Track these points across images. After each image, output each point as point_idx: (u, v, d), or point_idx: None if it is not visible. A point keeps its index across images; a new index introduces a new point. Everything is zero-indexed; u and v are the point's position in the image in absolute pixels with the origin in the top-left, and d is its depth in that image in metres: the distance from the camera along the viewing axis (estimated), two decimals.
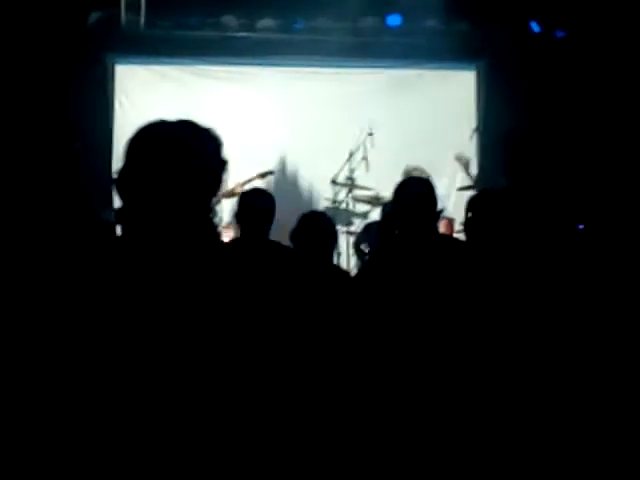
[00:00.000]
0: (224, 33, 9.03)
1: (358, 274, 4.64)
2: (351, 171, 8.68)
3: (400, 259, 3.80)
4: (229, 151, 2.14)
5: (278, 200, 4.70)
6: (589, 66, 8.81)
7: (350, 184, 8.66)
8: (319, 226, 4.51)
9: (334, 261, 6.70)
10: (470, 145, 9.45)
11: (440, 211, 3.91)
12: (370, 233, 7.78)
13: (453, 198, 8.50)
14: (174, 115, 2.08)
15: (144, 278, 1.94)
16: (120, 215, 1.98)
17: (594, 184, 7.85)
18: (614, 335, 3.57)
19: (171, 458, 1.84)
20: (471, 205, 3.97)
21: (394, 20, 9.17)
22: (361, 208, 8.94)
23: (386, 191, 6.53)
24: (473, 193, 4.83)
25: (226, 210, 6.62)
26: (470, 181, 8.62)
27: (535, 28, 9.14)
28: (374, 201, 8.47)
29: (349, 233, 8.58)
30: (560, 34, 9.20)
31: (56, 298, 1.93)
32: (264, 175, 8.18)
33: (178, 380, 1.87)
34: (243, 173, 8.07)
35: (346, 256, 8.36)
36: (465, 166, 8.69)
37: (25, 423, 1.85)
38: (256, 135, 9.18)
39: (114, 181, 1.97)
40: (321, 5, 8.87)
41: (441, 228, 6.73)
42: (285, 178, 8.64)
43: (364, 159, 8.75)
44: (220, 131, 2.14)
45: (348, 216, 8.79)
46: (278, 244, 4.50)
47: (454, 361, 3.44)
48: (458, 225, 7.99)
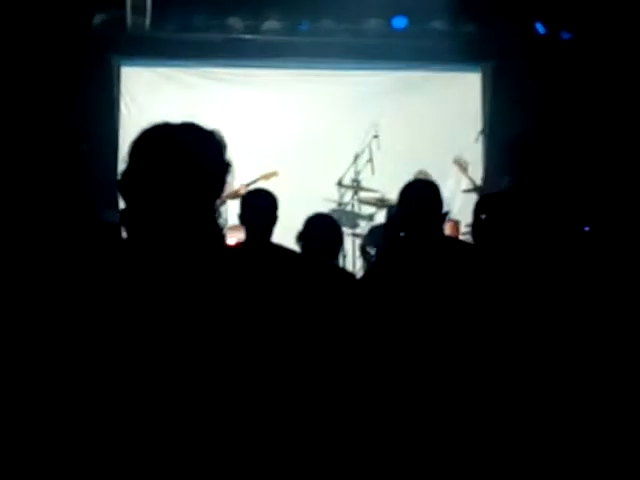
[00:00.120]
0: (229, 35, 9.05)
1: (364, 276, 4.63)
2: (357, 173, 8.68)
3: (406, 261, 3.79)
4: (234, 153, 2.13)
5: (284, 202, 4.69)
6: (595, 68, 8.80)
7: (356, 186, 8.65)
8: (325, 228, 4.50)
9: (340, 263, 6.71)
10: (476, 147, 9.44)
11: (446, 213, 3.89)
12: (376, 236, 7.78)
13: (459, 200, 8.48)
14: (179, 117, 2.07)
15: (148, 280, 1.93)
16: (123, 217, 1.98)
17: (601, 186, 7.83)
18: (623, 338, 3.56)
19: (172, 458, 1.84)
20: (483, 207, 3.92)
21: (399, 22, 9.16)
22: (367, 210, 8.93)
23: (392, 193, 6.51)
24: (483, 195, 4.80)
25: (231, 211, 6.62)
26: (471, 184, 8.58)
27: (541, 30, 9.13)
28: (380, 203, 8.46)
29: (355, 235, 8.58)
30: (566, 36, 9.19)
31: (60, 300, 1.93)
32: (268, 176, 8.17)
33: (181, 381, 1.86)
34: (248, 175, 8.07)
35: (352, 258, 8.36)
36: (463, 169, 8.64)
37: (26, 424, 1.84)
38: (261, 137, 9.19)
39: (117, 183, 1.96)
40: (326, 7, 8.88)
41: (447, 230, 6.71)
42: (290, 180, 8.62)
43: (370, 161, 8.74)
44: (225, 133, 2.13)
45: (354, 218, 8.78)
46: (282, 247, 4.50)
47: (460, 363, 3.43)
48: (464, 227, 7.98)
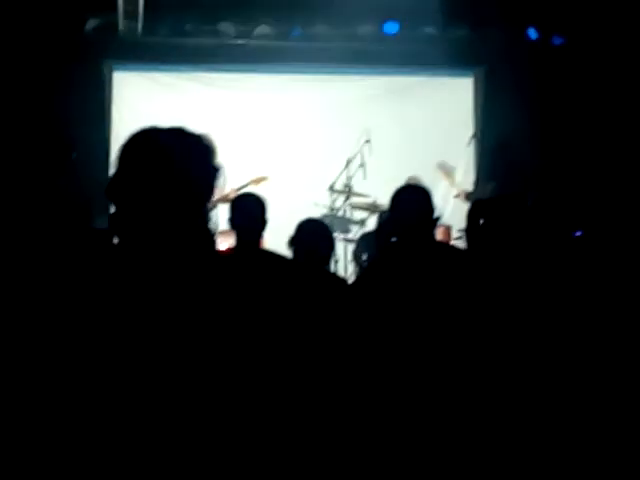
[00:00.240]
0: (221, 40, 9.05)
1: (356, 281, 4.63)
2: (349, 178, 8.67)
3: (398, 267, 3.79)
4: (226, 158, 2.13)
5: (275, 207, 4.69)
6: (587, 72, 8.83)
7: (347, 191, 8.65)
8: (316, 233, 4.49)
9: (332, 268, 6.70)
10: (468, 152, 9.45)
11: (437, 218, 3.89)
12: (368, 242, 7.77)
13: (450, 205, 8.49)
14: (171, 121, 2.07)
15: (138, 286, 1.93)
16: (112, 222, 1.97)
17: (592, 190, 7.85)
18: (616, 340, 3.56)
19: (171, 459, 1.83)
20: (481, 212, 3.90)
21: (391, 27, 9.18)
22: (359, 215, 8.93)
23: (384, 198, 6.51)
24: (477, 200, 4.78)
25: (222, 216, 6.61)
26: (456, 190, 8.55)
27: (533, 35, 9.15)
28: (372, 208, 8.45)
29: (347, 240, 8.57)
30: (558, 41, 9.21)
31: (53, 304, 1.93)
32: (258, 181, 8.16)
33: (171, 384, 1.86)
34: (241, 179, 8.06)
35: (344, 263, 8.35)
36: (447, 175, 8.60)
37: (26, 425, 1.84)
38: (253, 142, 9.19)
39: (105, 187, 1.96)
40: (318, 12, 8.89)
41: (438, 235, 6.71)
42: (282, 185, 8.62)
43: (361, 166, 8.74)
44: (217, 137, 2.14)
45: (346, 223, 8.77)
46: (274, 252, 4.49)
47: (452, 368, 3.43)
48: (456, 232, 7.99)
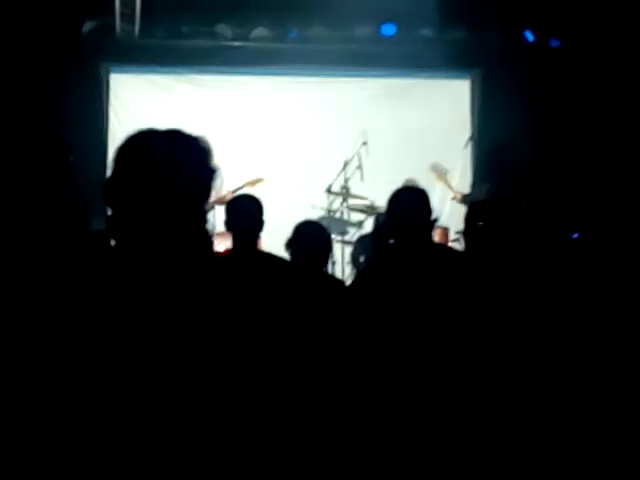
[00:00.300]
0: (218, 42, 9.05)
1: (353, 283, 4.63)
2: (346, 180, 8.68)
3: (395, 268, 3.79)
4: (224, 159, 2.12)
5: (272, 209, 4.68)
6: (584, 75, 8.84)
7: (345, 193, 8.65)
8: (314, 235, 4.50)
9: (329, 270, 6.71)
10: (465, 154, 9.46)
11: (435, 220, 3.89)
12: (365, 244, 7.78)
13: (448, 207, 8.50)
14: (169, 123, 2.06)
15: (135, 288, 1.93)
16: (109, 224, 1.97)
17: (590, 192, 7.86)
18: (614, 341, 3.56)
19: (171, 459, 1.84)
20: (480, 214, 3.86)
21: (388, 29, 9.18)
22: (356, 217, 8.94)
23: (381, 200, 6.52)
24: (476, 202, 4.78)
25: (219, 218, 6.60)
26: (452, 192, 8.56)
27: (530, 37, 9.16)
28: (369, 210, 8.46)
29: (344, 242, 8.58)
30: (555, 43, 9.22)
31: (51, 306, 1.93)
32: (254, 182, 8.16)
33: (173, 388, 1.86)
34: (238, 182, 8.06)
35: (341, 265, 8.36)
36: (440, 176, 8.60)
37: (26, 426, 1.84)
38: (250, 144, 9.19)
39: (101, 189, 1.96)
40: (315, 14, 8.88)
41: (436, 237, 6.72)
42: (279, 187, 8.63)
43: (359, 168, 8.76)
44: (214, 139, 2.13)
45: (343, 225, 8.78)
46: (271, 254, 4.49)
47: (449, 370, 3.43)
48: (453, 234, 7.99)
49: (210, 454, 1.87)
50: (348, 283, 5.97)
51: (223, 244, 5.64)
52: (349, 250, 8.39)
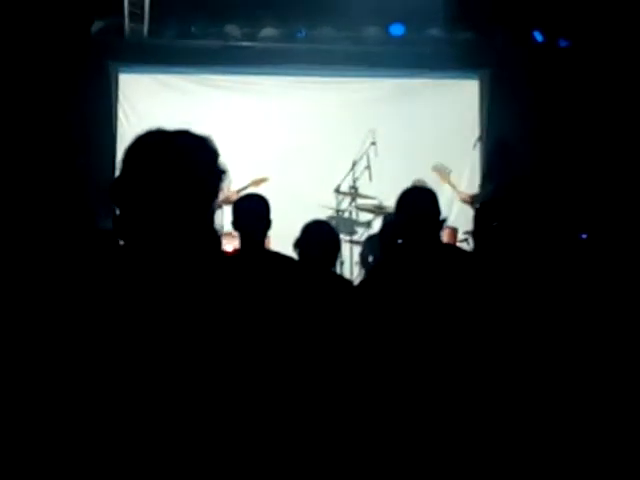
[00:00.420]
0: (227, 42, 9.06)
1: (361, 283, 4.62)
2: (354, 180, 8.68)
3: (404, 268, 3.78)
4: (232, 160, 2.12)
5: (281, 209, 4.68)
6: (593, 75, 8.82)
7: (353, 193, 8.66)
8: (322, 235, 4.50)
9: (337, 270, 6.71)
10: (474, 154, 9.45)
11: (443, 220, 3.89)
12: (374, 244, 7.78)
13: (456, 207, 8.49)
14: (177, 124, 2.06)
15: (144, 287, 1.93)
16: (117, 224, 1.97)
17: (598, 193, 7.84)
18: (622, 345, 3.56)
19: (171, 460, 1.84)
20: (494, 214, 3.84)
21: (397, 29, 9.18)
22: (364, 217, 8.94)
23: (389, 200, 6.52)
24: (487, 201, 4.76)
25: (224, 218, 6.60)
26: (456, 192, 8.55)
27: (539, 37, 9.14)
28: (377, 210, 8.46)
29: (352, 242, 8.58)
30: (564, 43, 9.21)
31: (59, 305, 1.93)
32: (258, 182, 8.16)
33: (177, 386, 1.86)
34: (244, 181, 8.07)
35: (349, 265, 8.36)
36: (444, 177, 8.58)
37: (29, 426, 1.85)
38: (259, 144, 9.19)
39: (109, 189, 1.96)
40: (324, 14, 8.89)
41: (444, 237, 6.71)
42: (288, 187, 8.63)
43: (367, 168, 8.76)
44: (223, 139, 2.13)
45: (351, 225, 8.79)
46: (280, 254, 4.49)
47: (458, 369, 3.43)
48: (461, 234, 7.99)
49: (214, 453, 1.87)
50: (356, 283, 5.97)
51: (231, 244, 5.65)
52: (357, 250, 8.39)
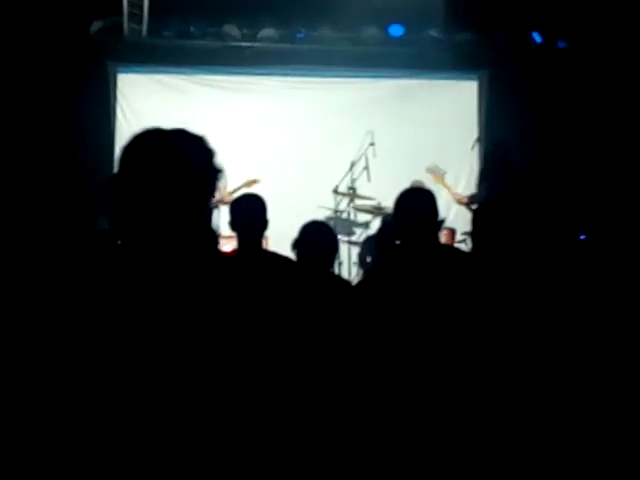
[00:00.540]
0: (226, 42, 9.06)
1: (360, 283, 4.62)
2: (353, 181, 8.69)
3: (402, 269, 3.78)
4: (229, 160, 2.12)
5: (279, 210, 4.69)
6: (591, 76, 8.83)
7: (352, 194, 8.66)
8: (321, 236, 4.49)
9: (336, 271, 6.71)
10: (472, 155, 9.45)
11: (441, 221, 3.88)
12: (372, 245, 7.78)
13: (454, 208, 8.49)
14: (175, 123, 2.06)
15: (141, 286, 1.93)
16: (113, 223, 1.97)
17: (597, 193, 7.85)
18: (620, 345, 3.56)
19: (171, 460, 1.84)
20: (493, 217, 3.83)
21: (396, 30, 9.19)
22: (362, 218, 8.94)
23: (388, 201, 6.52)
24: (485, 204, 4.76)
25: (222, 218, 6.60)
26: (451, 194, 8.53)
27: (537, 38, 9.15)
28: (375, 211, 8.46)
29: (351, 243, 8.59)
30: (562, 44, 9.22)
31: (57, 304, 1.93)
32: (250, 183, 8.15)
33: (174, 386, 1.86)
34: (239, 182, 8.07)
35: (347, 266, 8.36)
36: (438, 178, 8.56)
37: (28, 427, 1.85)
38: (258, 144, 9.19)
39: (106, 187, 1.96)
40: (323, 15, 8.90)
41: (442, 238, 6.71)
42: (286, 188, 8.63)
43: (366, 169, 8.76)
44: (221, 140, 2.14)
45: (350, 226, 8.79)
46: (278, 254, 4.49)
47: (456, 370, 3.43)
48: (459, 235, 7.99)
49: (214, 453, 1.87)
50: (354, 284, 5.98)
51: (229, 245, 5.65)
52: (356, 251, 8.40)
